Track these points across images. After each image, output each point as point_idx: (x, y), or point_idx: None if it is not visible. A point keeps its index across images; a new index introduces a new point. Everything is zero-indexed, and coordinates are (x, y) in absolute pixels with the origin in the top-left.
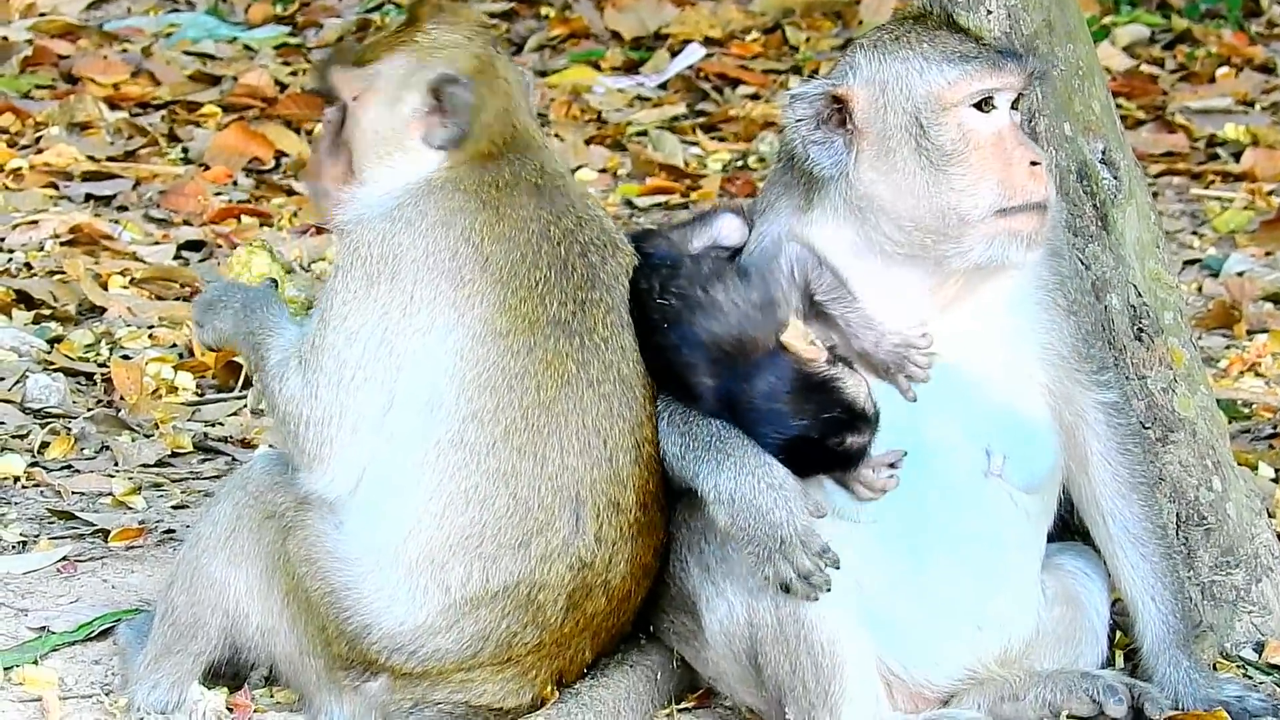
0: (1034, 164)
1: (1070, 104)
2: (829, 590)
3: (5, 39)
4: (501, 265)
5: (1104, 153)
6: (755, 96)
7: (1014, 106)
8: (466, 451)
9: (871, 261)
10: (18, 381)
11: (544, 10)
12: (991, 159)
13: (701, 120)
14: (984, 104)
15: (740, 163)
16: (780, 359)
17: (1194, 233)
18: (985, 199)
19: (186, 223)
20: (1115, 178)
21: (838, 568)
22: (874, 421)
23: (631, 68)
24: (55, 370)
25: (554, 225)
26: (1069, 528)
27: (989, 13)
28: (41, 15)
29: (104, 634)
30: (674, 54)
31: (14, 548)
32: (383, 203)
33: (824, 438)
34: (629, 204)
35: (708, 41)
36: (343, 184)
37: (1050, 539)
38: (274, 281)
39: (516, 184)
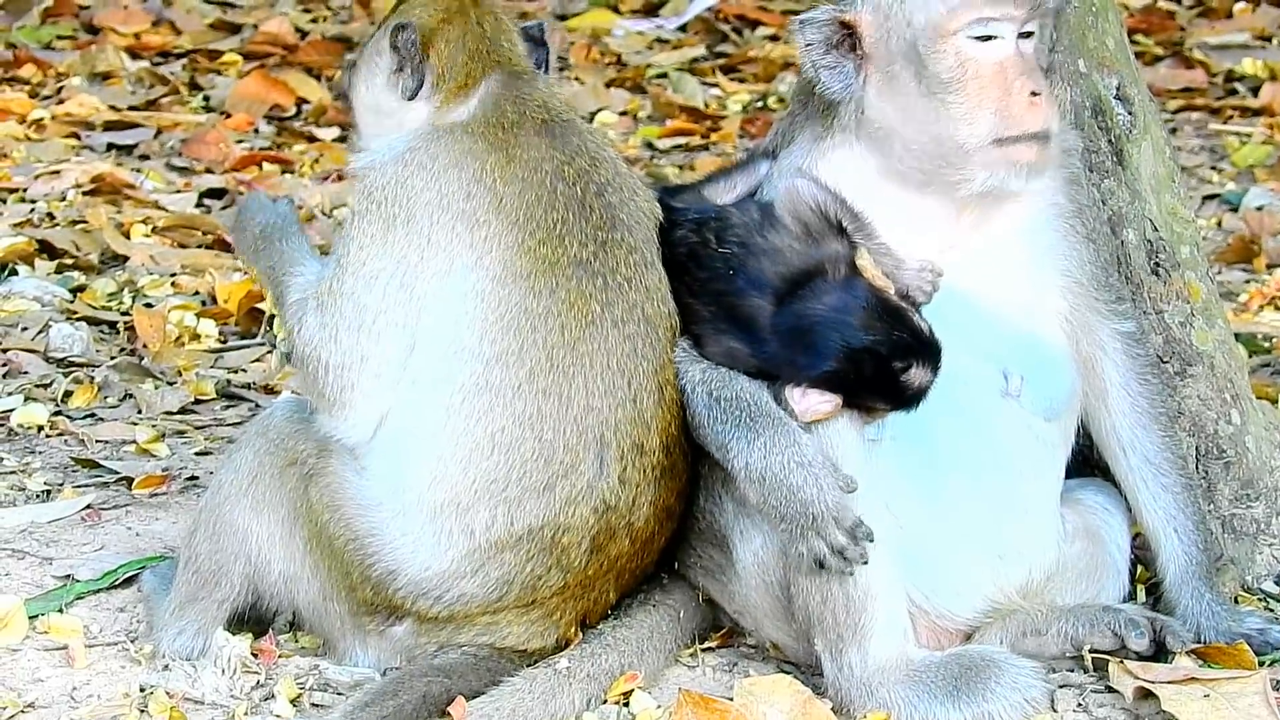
0: (1034, 94)
1: (1084, 40)
2: (865, 563)
3: None
4: (517, 206)
5: (1118, 88)
6: (774, 38)
7: (1025, 36)
8: (491, 394)
9: (889, 188)
10: (41, 331)
11: None
12: (990, 89)
13: (721, 62)
14: (983, 34)
15: (760, 103)
16: (854, 281)
17: (1213, 168)
18: (982, 128)
19: (208, 170)
20: (1130, 113)
21: (871, 541)
22: (938, 358)
23: (650, 10)
24: (78, 319)
25: (567, 166)
26: (1088, 463)
27: None
28: None
29: (128, 582)
30: None
31: (38, 496)
32: (393, 148)
33: (891, 357)
34: (650, 146)
35: None
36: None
37: (1069, 475)
38: (290, 200)
39: (522, 123)
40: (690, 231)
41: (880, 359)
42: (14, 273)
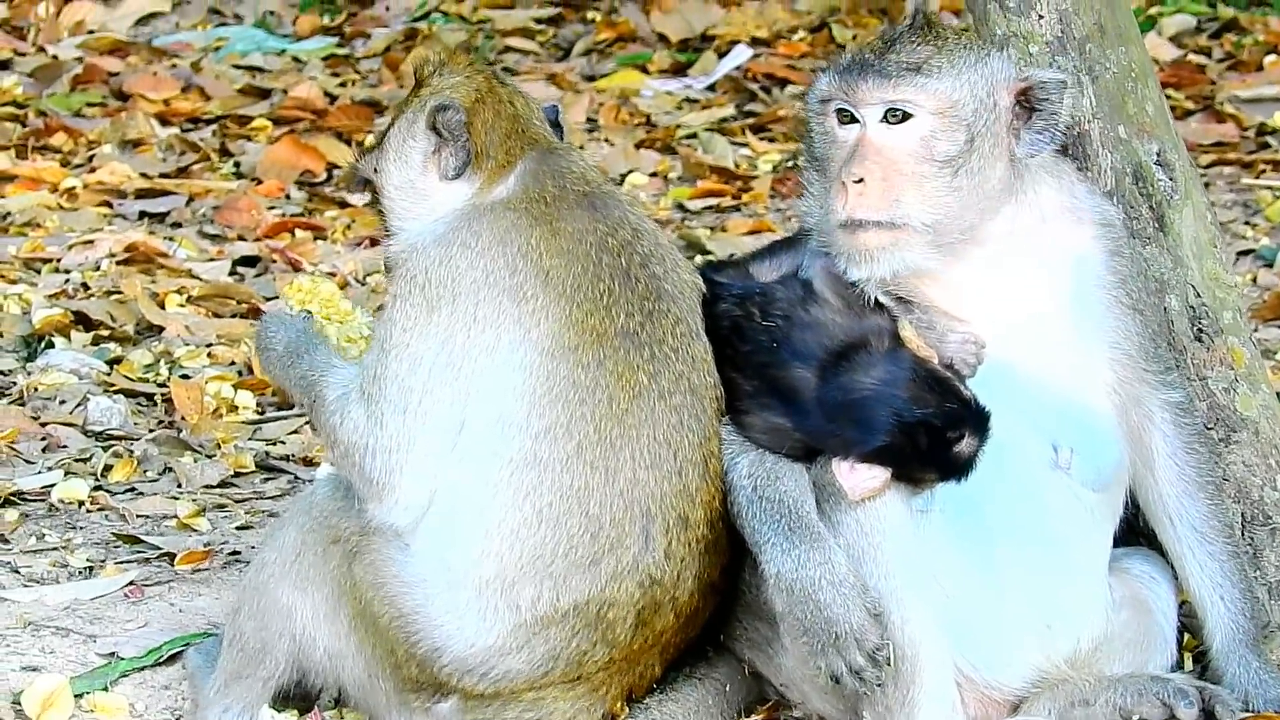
0: (856, 180)
1: (1124, 106)
2: (880, 686)
3: (55, 58)
4: (564, 279)
5: (1159, 154)
6: (803, 96)
7: (896, 121)
8: (539, 469)
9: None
10: (79, 404)
11: (590, 14)
12: (839, 171)
13: (750, 121)
14: (842, 114)
15: (790, 163)
16: (899, 353)
17: (1246, 223)
18: (830, 208)
19: (241, 238)
20: (1170, 179)
21: (889, 665)
22: (987, 427)
23: (679, 70)
24: (115, 392)
25: (611, 237)
26: (1135, 531)
27: (1040, 17)
28: (90, 33)
29: (173, 659)
30: (721, 55)
31: (81, 573)
32: (433, 230)
33: (944, 428)
34: (681, 207)
35: (754, 42)
36: (389, 242)
37: (1116, 543)
38: (308, 314)
39: (564, 196)
40: (734, 306)
41: (933, 431)
42: (50, 345)
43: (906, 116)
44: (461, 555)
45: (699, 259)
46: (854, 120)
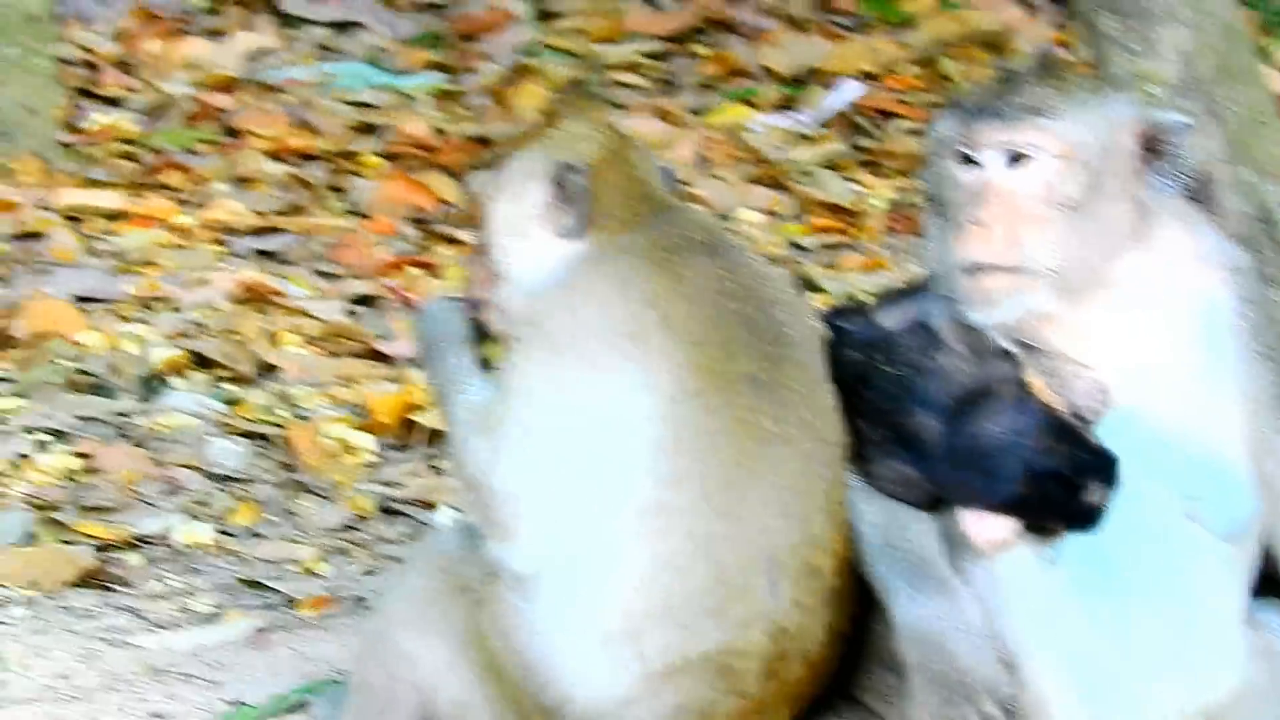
0: (974, 223)
1: (1249, 149)
2: None
3: (167, 94)
4: (687, 324)
5: None
6: (915, 131)
7: (1018, 161)
8: (666, 516)
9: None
10: (199, 446)
11: (698, 49)
12: (961, 214)
13: (861, 157)
14: (963, 157)
15: (903, 199)
16: (1027, 401)
17: None
18: (951, 252)
19: (354, 276)
20: None
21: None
22: (1116, 474)
23: (787, 105)
24: (235, 433)
25: (734, 282)
26: (1271, 582)
27: (1162, 58)
28: (201, 69)
29: (299, 706)
30: (829, 89)
31: (205, 618)
32: (553, 274)
33: (1074, 477)
34: (793, 244)
35: (863, 76)
36: (491, 285)
37: (1253, 595)
38: (465, 304)
39: (687, 245)
40: (859, 353)
41: (1062, 480)
42: (169, 385)
43: (1028, 159)
44: (587, 604)
45: (815, 298)
46: (975, 163)
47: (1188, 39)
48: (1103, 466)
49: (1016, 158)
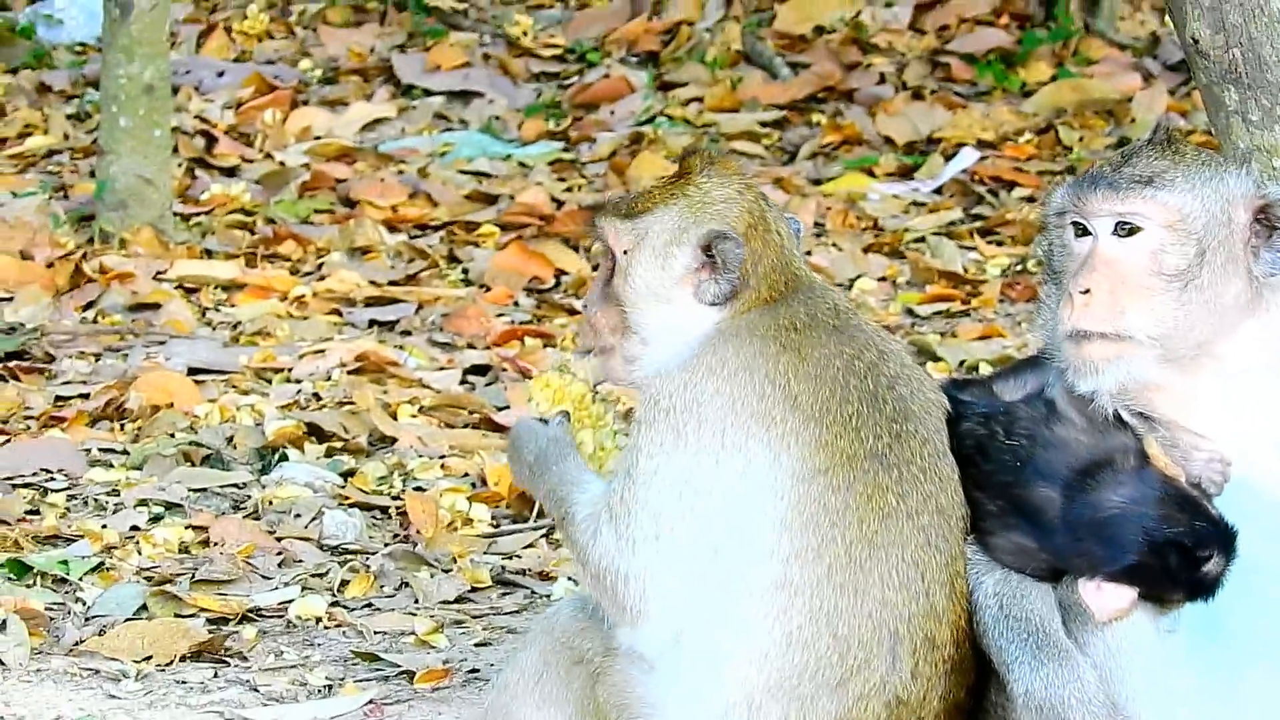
0: (1083, 291)
1: None
2: None
3: (282, 164)
4: (811, 403)
5: None
6: (1031, 199)
7: (1126, 234)
8: (789, 592)
9: (1161, 376)
10: (314, 518)
11: (815, 118)
12: (1069, 282)
13: (978, 224)
14: (1077, 226)
15: (1019, 267)
16: (1146, 472)
17: None
18: (1060, 320)
19: (470, 346)
20: None
21: None
22: (1235, 545)
23: (905, 173)
24: (350, 505)
25: (857, 360)
26: None
27: None
28: (317, 139)
29: None
30: (947, 158)
31: (320, 691)
32: (678, 354)
33: (1195, 548)
34: (910, 312)
35: (980, 144)
36: (619, 336)
37: None
38: (565, 416)
39: (813, 325)
40: (977, 424)
41: (1182, 550)
42: (284, 457)
43: (1136, 229)
44: (708, 677)
45: (932, 366)
46: (1088, 233)
47: None
48: (1222, 537)
49: (1124, 228)
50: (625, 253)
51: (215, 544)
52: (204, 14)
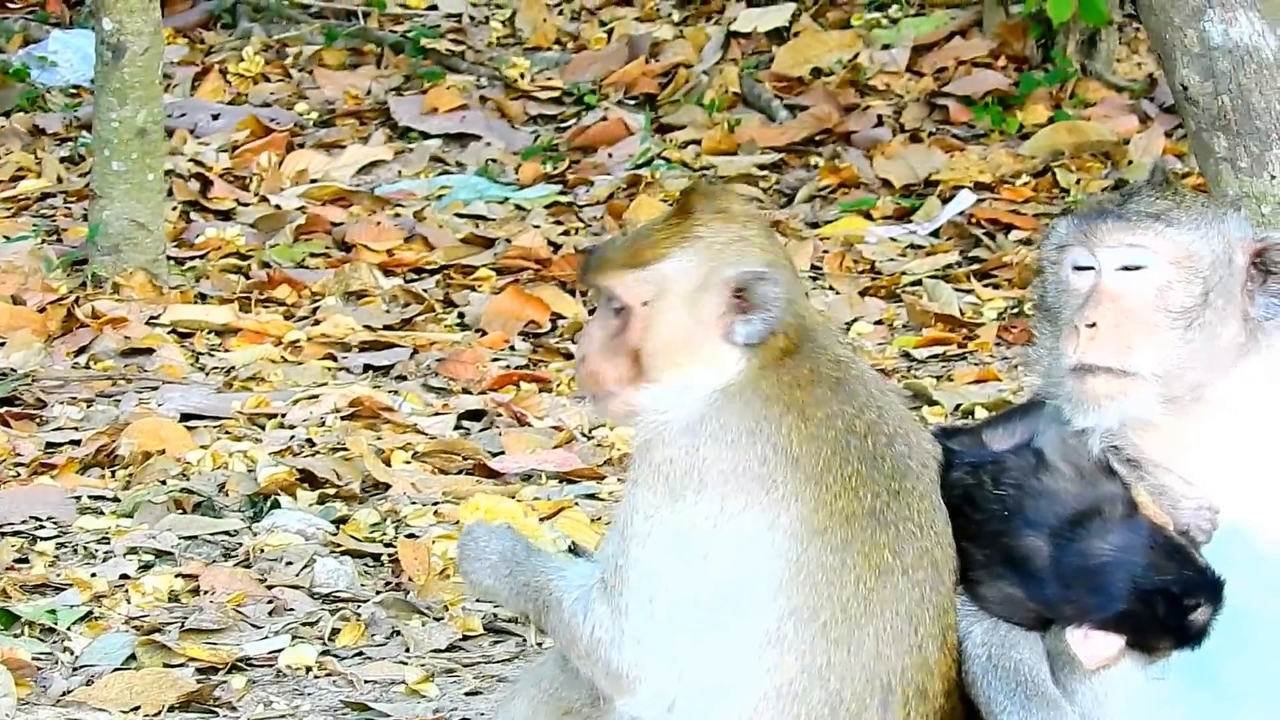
0: (1089, 325)
1: None
2: None
3: (278, 207)
4: (813, 464)
5: None
6: (1028, 242)
7: (1131, 270)
8: (783, 648)
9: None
10: (305, 566)
11: (813, 160)
12: (1073, 316)
13: (975, 267)
14: (1080, 265)
15: (1016, 310)
16: (1135, 520)
17: None
18: (1059, 354)
19: (466, 391)
20: None
21: None
22: (1223, 593)
23: (903, 216)
24: (342, 553)
25: (858, 419)
26: None
27: (1273, 178)
28: (313, 182)
29: None
30: (945, 200)
31: None
32: (681, 415)
33: (1183, 596)
34: (906, 356)
35: (978, 186)
36: (631, 387)
37: None
38: (508, 525)
39: (817, 381)
40: (966, 474)
41: (1171, 599)
42: (276, 504)
43: (1142, 265)
44: None
45: (927, 410)
46: (1090, 267)
47: None
48: (1209, 586)
49: (1132, 262)
50: (645, 304)
51: (205, 592)
52: (199, 56)
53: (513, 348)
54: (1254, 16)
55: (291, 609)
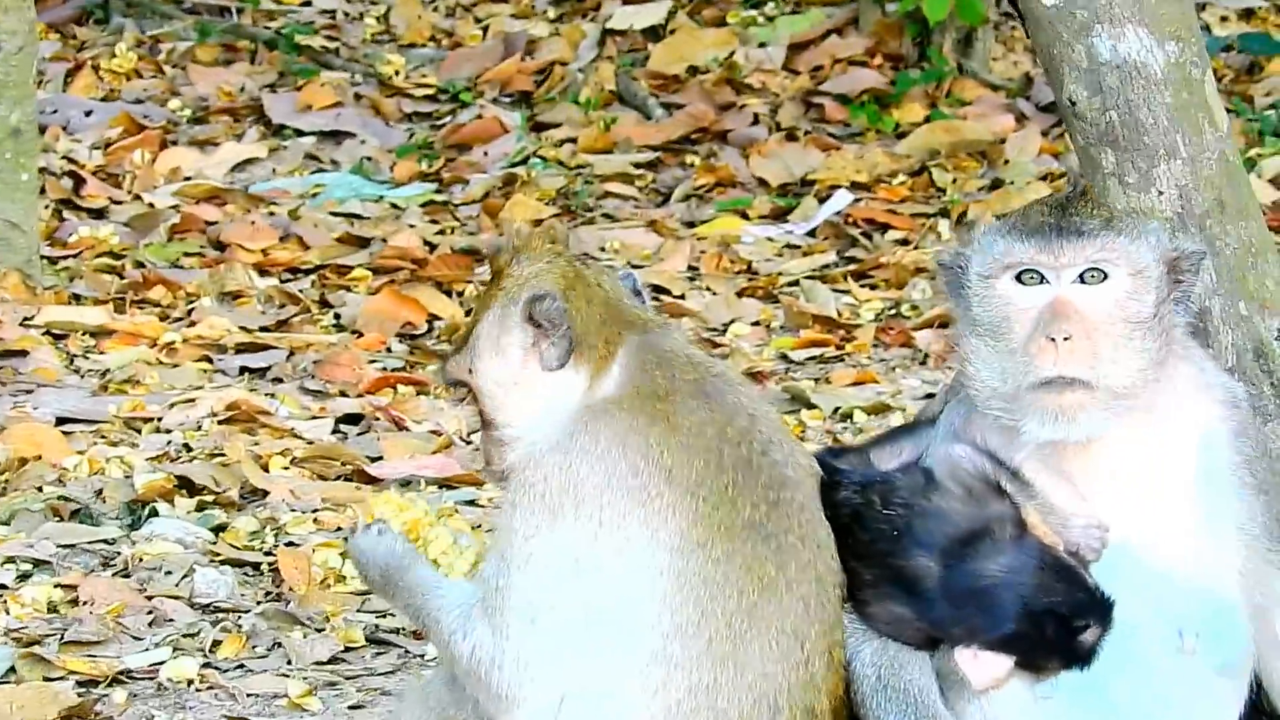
0: (1050, 339)
1: (1244, 282)
2: None
3: (152, 206)
4: (687, 475)
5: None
6: (905, 242)
7: (1088, 280)
8: (669, 666)
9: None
10: (185, 575)
11: (689, 159)
12: (1025, 332)
13: (852, 268)
14: (1024, 276)
15: (893, 311)
16: (1025, 541)
17: None
18: (1014, 373)
19: (343, 394)
20: None
21: None
22: (1111, 614)
23: (779, 215)
24: (222, 562)
25: (729, 426)
26: (1259, 711)
27: (1160, 193)
28: (187, 179)
29: None
30: (821, 200)
31: None
32: (549, 436)
33: (1071, 617)
34: (784, 357)
35: (854, 186)
36: (503, 454)
37: None
38: (386, 524)
39: (677, 388)
40: (854, 494)
41: (1059, 620)
42: (155, 512)
43: (1104, 277)
44: None
45: (805, 413)
46: (1042, 281)
47: (1185, 173)
48: (1098, 606)
49: (1094, 275)
50: (471, 373)
51: (85, 603)
52: (71, 52)
53: (389, 350)
54: (1143, 32)
55: (172, 620)
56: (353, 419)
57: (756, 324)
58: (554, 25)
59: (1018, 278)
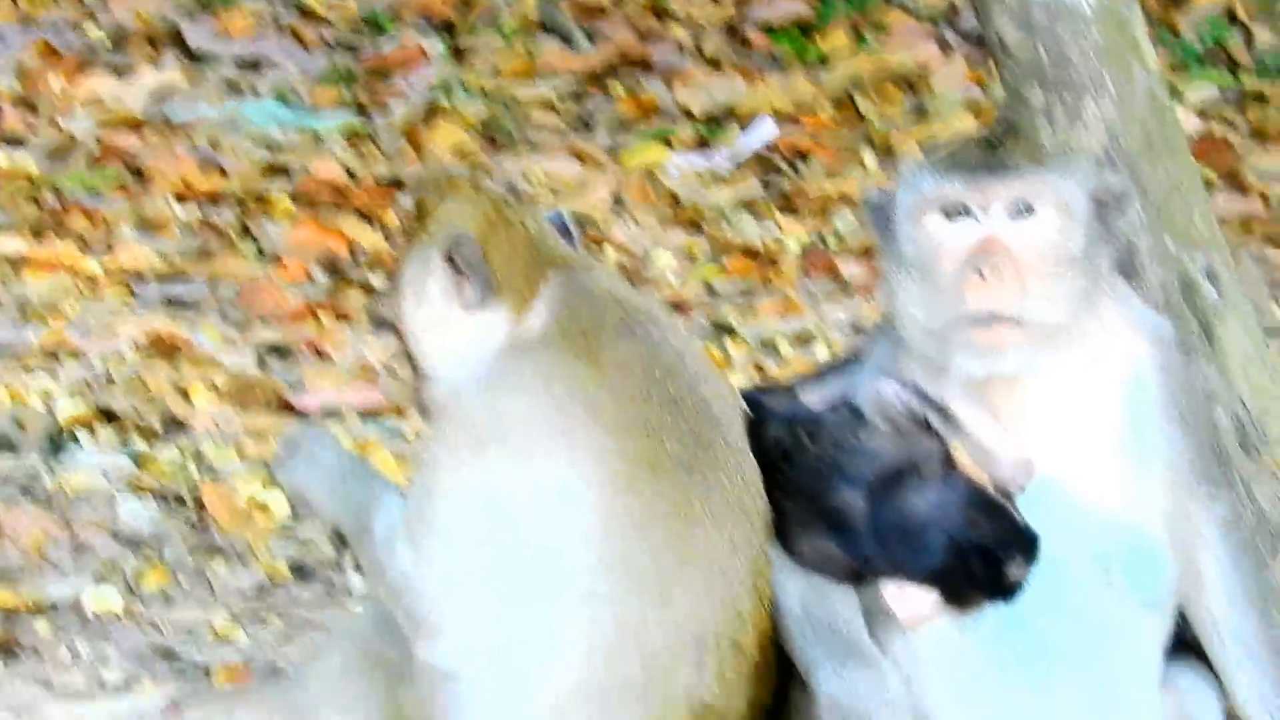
0: (980, 274)
1: (1171, 219)
2: None
3: (70, 134)
4: (612, 411)
5: (1207, 267)
6: (830, 172)
7: (1023, 215)
8: (595, 603)
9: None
10: (107, 506)
11: (614, 88)
12: (953, 268)
13: (777, 198)
14: (951, 213)
15: (819, 242)
16: (951, 477)
17: (1272, 298)
18: (944, 310)
19: (265, 323)
20: (1219, 292)
21: None
22: (1037, 549)
23: (704, 144)
24: (144, 492)
25: (656, 364)
26: (1183, 643)
27: (1088, 130)
28: (105, 108)
29: None
30: (745, 129)
31: (116, 688)
32: (473, 371)
33: (996, 552)
34: (709, 288)
35: (779, 115)
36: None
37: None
38: (326, 430)
39: (602, 325)
40: (782, 431)
41: (985, 554)
42: (76, 440)
43: (1032, 211)
44: (514, 689)
45: (730, 343)
46: (967, 216)
47: (1113, 110)
48: (1024, 542)
49: (1022, 210)
50: (397, 317)
51: (6, 534)
52: None
53: (312, 279)
54: None
55: (95, 551)
56: (275, 349)
57: (681, 254)
58: None
59: (945, 214)
